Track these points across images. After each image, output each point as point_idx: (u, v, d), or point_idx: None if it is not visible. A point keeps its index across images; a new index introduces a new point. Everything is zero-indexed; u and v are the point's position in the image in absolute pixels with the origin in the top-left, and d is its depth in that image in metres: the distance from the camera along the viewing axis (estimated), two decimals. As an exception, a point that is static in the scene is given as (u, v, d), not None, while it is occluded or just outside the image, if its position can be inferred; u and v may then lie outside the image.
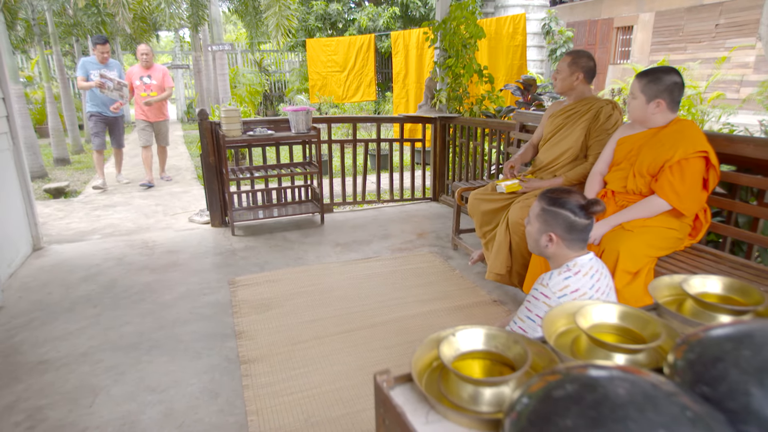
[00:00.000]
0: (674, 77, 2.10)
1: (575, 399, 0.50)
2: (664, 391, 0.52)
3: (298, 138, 4.08)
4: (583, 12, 18.05)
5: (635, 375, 0.53)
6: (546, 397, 0.53)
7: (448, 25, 4.38)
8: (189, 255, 3.54)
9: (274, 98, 14.56)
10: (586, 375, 0.53)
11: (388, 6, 12.77)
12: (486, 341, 0.78)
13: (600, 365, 0.59)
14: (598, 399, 0.49)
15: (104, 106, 5.71)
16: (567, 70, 2.65)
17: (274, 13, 6.35)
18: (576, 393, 0.51)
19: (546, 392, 0.54)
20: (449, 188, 4.93)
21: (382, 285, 3.04)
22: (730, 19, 13.70)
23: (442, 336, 0.79)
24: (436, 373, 0.78)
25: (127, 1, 5.93)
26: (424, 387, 0.73)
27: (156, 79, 5.73)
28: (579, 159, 2.73)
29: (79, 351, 2.36)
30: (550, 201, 1.56)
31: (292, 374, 2.14)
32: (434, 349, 0.80)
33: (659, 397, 0.50)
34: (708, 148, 2.06)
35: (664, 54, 14.52)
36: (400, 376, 0.75)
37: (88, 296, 2.93)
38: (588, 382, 0.52)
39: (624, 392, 0.50)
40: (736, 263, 2.11)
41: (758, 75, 12.86)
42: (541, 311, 1.49)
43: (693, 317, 0.93)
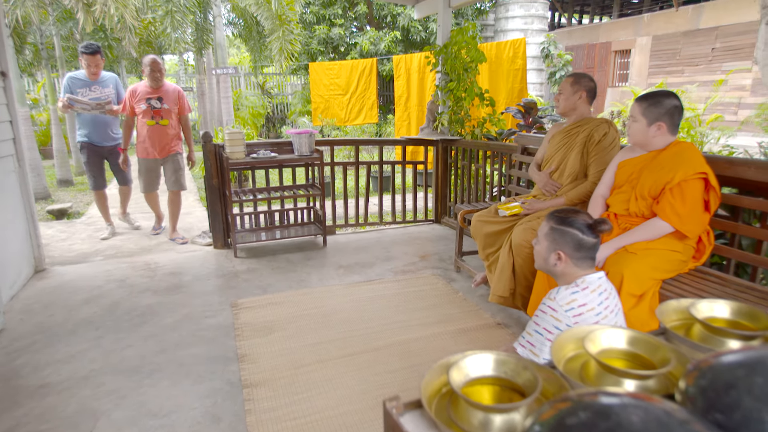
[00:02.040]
0: (674, 101, 2.13)
1: (588, 427, 0.50)
2: (677, 418, 0.52)
3: (301, 160, 4.11)
4: (582, 36, 18.36)
5: (648, 402, 0.53)
6: (558, 425, 0.53)
7: (449, 49, 4.46)
8: (191, 277, 3.54)
9: (277, 120, 14.72)
10: (599, 402, 0.53)
11: (390, 30, 13.01)
12: (495, 367, 0.78)
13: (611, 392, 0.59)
14: (612, 427, 0.49)
15: (98, 131, 4.36)
16: (570, 89, 2.69)
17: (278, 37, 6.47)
18: (589, 420, 0.51)
19: (558, 420, 0.53)
20: (451, 210, 4.94)
21: (385, 308, 3.03)
22: (726, 43, 13.92)
23: (452, 361, 0.79)
24: (445, 399, 0.77)
25: (133, 26, 6.04)
26: (433, 413, 0.72)
27: (169, 102, 4.19)
28: (579, 179, 2.75)
29: (80, 374, 2.34)
30: (558, 220, 1.58)
31: (295, 399, 2.11)
32: (443, 375, 0.79)
33: (673, 425, 0.50)
34: (707, 169, 2.08)
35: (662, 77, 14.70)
36: (409, 403, 0.75)
37: (90, 319, 2.91)
38: (601, 409, 0.52)
39: (638, 420, 0.50)
40: (742, 286, 2.10)
41: (755, 98, 13.01)
42: (549, 325, 1.49)
43: (701, 342, 0.93)
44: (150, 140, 4.24)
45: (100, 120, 4.34)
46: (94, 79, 4.33)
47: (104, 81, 4.39)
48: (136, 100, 4.16)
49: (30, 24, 7.21)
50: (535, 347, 1.51)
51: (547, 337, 1.50)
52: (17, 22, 6.27)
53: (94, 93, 4.31)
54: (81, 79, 4.31)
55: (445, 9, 4.62)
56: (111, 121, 4.44)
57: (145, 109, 4.16)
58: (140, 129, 4.23)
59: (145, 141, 4.24)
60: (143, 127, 4.21)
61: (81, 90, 4.28)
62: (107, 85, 4.40)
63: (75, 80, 4.31)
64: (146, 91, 4.16)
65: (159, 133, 4.25)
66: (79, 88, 4.29)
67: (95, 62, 4.27)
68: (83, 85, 4.31)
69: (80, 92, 4.27)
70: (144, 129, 4.22)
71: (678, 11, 14.89)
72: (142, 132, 4.23)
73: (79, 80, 4.31)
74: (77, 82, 4.30)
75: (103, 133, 4.40)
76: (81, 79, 4.31)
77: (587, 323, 1.48)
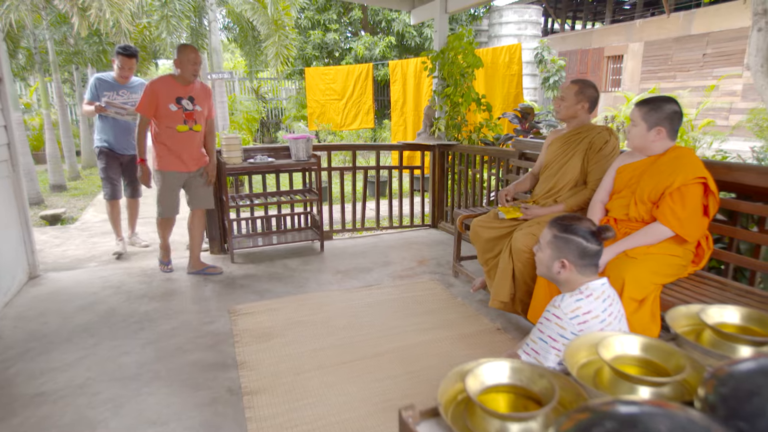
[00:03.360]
0: (674, 106, 2.15)
1: (616, 437, 0.50)
2: (702, 426, 0.51)
3: (299, 165, 4.10)
4: (575, 42, 18.50)
5: (673, 411, 0.53)
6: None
7: (446, 54, 4.47)
8: (188, 283, 3.51)
9: (271, 125, 14.70)
10: (624, 412, 0.52)
11: (384, 36, 13.05)
12: (511, 374, 0.77)
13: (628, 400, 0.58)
14: (641, 437, 0.49)
15: (118, 138, 4.01)
16: (574, 98, 2.69)
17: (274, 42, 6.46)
18: (615, 430, 0.50)
19: (583, 430, 0.53)
20: (448, 215, 4.94)
21: (384, 313, 3.02)
22: (717, 48, 14.07)
23: (466, 369, 0.78)
24: (461, 406, 0.77)
25: (128, 31, 6.01)
26: (450, 421, 0.71)
27: (201, 103, 3.41)
28: (579, 185, 2.76)
29: (76, 383, 2.31)
30: (561, 228, 1.57)
31: (295, 405, 2.09)
32: (459, 382, 0.79)
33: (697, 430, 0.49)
34: (706, 174, 2.09)
35: (654, 82, 14.83)
36: (425, 411, 0.74)
37: (86, 326, 2.88)
38: (627, 419, 0.51)
39: (665, 429, 0.49)
40: (741, 290, 2.11)
41: (746, 103, 13.16)
42: (554, 332, 1.49)
43: (712, 348, 0.93)
44: (183, 150, 3.40)
45: (123, 126, 4.00)
46: (123, 83, 3.99)
47: (133, 86, 4.04)
48: (162, 99, 3.27)
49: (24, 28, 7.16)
50: (539, 355, 1.51)
51: (551, 344, 1.49)
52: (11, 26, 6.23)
53: (122, 98, 3.99)
54: (108, 82, 3.97)
55: (442, 15, 4.64)
56: (132, 127, 3.96)
57: (175, 111, 3.31)
58: (167, 137, 3.35)
59: (176, 151, 3.38)
60: (172, 134, 3.35)
61: (108, 93, 3.94)
62: (136, 90, 4.01)
63: (102, 82, 3.96)
64: (175, 89, 3.31)
65: (191, 142, 3.43)
66: (107, 90, 3.94)
67: (130, 65, 3.95)
68: (110, 88, 3.96)
69: (107, 95, 3.93)
70: (173, 137, 3.35)
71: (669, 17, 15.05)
72: (169, 140, 3.36)
73: (106, 82, 3.96)
74: (104, 84, 3.95)
75: (124, 141, 4.04)
76: (108, 82, 3.97)
77: (592, 330, 1.48)
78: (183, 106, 3.34)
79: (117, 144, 4.04)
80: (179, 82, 3.33)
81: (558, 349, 1.49)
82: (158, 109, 3.29)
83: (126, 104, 3.94)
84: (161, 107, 3.29)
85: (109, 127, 3.98)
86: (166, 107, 3.29)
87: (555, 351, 1.49)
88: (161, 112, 3.30)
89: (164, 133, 3.35)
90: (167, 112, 3.31)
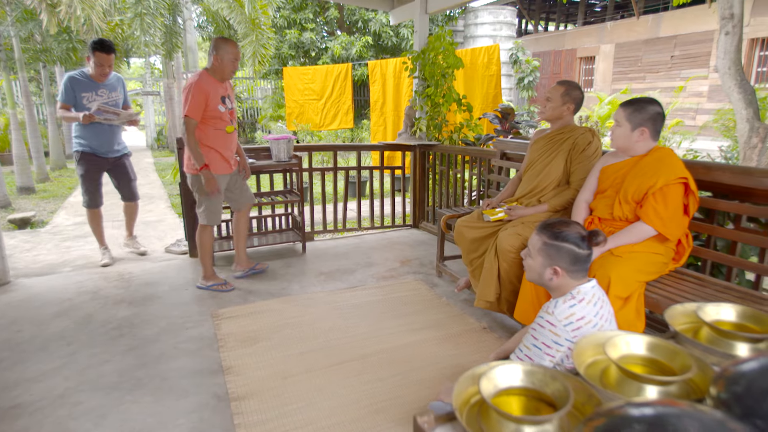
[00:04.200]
0: (657, 107, 2.20)
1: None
2: (729, 428, 0.52)
3: (280, 166, 4.05)
4: (548, 43, 18.82)
5: (698, 411, 0.53)
6: (614, 438, 0.52)
7: (427, 55, 4.48)
8: (168, 287, 3.43)
9: (247, 125, 14.52)
10: (652, 414, 0.53)
11: (361, 35, 13.02)
12: (523, 377, 0.77)
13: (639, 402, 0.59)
14: (672, 439, 0.49)
15: (102, 140, 3.71)
16: (560, 99, 2.72)
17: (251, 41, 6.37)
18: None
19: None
20: (429, 215, 4.96)
21: (369, 315, 3.00)
22: (684, 51, 14.51)
23: (479, 372, 0.78)
24: (474, 409, 0.77)
25: (100, 28, 5.84)
26: (465, 424, 0.71)
27: (233, 101, 3.29)
28: (562, 185, 2.80)
29: (54, 393, 2.23)
30: (552, 236, 1.58)
31: (285, 410, 2.07)
32: (471, 386, 0.78)
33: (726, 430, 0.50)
34: (687, 174, 2.15)
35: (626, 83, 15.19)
36: (439, 416, 0.73)
37: (62, 333, 2.78)
38: (656, 420, 0.52)
39: (694, 430, 0.50)
40: (720, 286, 2.17)
41: (712, 103, 13.61)
42: (548, 339, 1.50)
43: (710, 344, 0.95)
44: (229, 152, 3.26)
45: (106, 127, 3.70)
46: (100, 81, 3.63)
47: (111, 83, 3.71)
48: (212, 99, 3.04)
49: (-13, 24, 6.90)
50: (533, 361, 1.51)
51: (546, 351, 1.50)
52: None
53: (101, 98, 3.66)
54: (84, 81, 3.60)
55: (422, 15, 4.65)
56: (117, 127, 3.80)
57: (224, 112, 3.13)
58: (216, 139, 3.14)
59: (225, 154, 3.22)
60: (223, 136, 3.16)
61: (87, 94, 3.60)
62: (114, 87, 3.72)
63: (77, 82, 3.58)
64: (218, 88, 3.08)
65: (234, 142, 3.33)
66: (84, 91, 3.59)
67: (109, 62, 3.58)
68: (88, 88, 3.60)
69: (85, 96, 3.60)
70: (224, 138, 3.17)
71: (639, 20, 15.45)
72: (218, 143, 3.15)
73: (82, 82, 3.59)
74: (80, 84, 3.58)
75: (108, 142, 3.74)
76: (84, 81, 3.60)
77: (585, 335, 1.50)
78: (226, 105, 3.16)
79: (101, 146, 3.74)
80: (218, 80, 3.09)
81: (552, 356, 1.50)
82: (207, 110, 3.05)
83: (107, 104, 3.67)
84: (211, 108, 3.05)
85: (92, 128, 3.68)
86: (215, 108, 3.08)
87: (549, 357, 1.50)
88: (210, 114, 3.07)
89: (213, 135, 3.12)
90: (217, 114, 3.09)
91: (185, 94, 3.02)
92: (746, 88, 4.98)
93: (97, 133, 3.70)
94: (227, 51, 3.03)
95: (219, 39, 3.10)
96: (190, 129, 3.03)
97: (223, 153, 3.20)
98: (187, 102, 2.99)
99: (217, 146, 3.16)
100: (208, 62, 3.11)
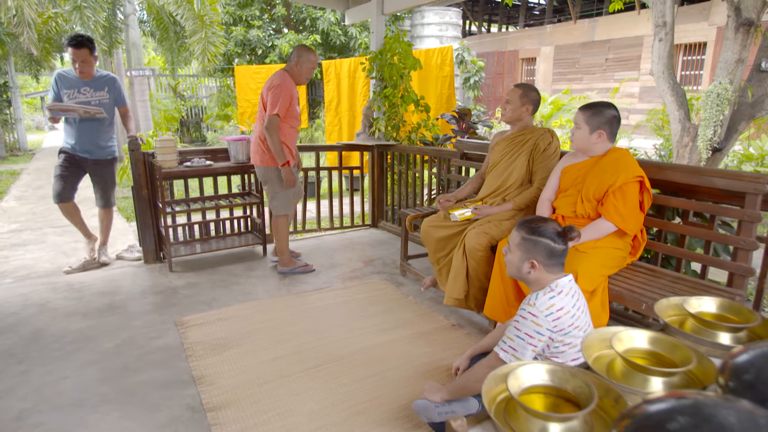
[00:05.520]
0: (613, 111, 2.33)
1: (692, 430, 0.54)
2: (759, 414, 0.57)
3: (238, 168, 3.96)
4: (491, 44, 19.37)
5: (730, 402, 0.58)
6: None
7: (384, 56, 4.51)
8: (125, 296, 3.27)
9: (191, 124, 14.02)
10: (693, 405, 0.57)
11: (309, 34, 12.88)
12: (546, 376, 0.81)
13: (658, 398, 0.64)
14: (715, 429, 0.53)
15: (81, 140, 3.60)
16: (518, 101, 2.83)
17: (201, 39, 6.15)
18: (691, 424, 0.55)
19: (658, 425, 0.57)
20: (388, 214, 5.00)
21: (339, 316, 3.00)
22: (617, 54, 15.37)
23: (502, 373, 0.81)
24: (501, 407, 0.79)
25: (32, 21, 5.44)
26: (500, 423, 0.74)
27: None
28: (525, 184, 2.90)
29: (10, 415, 2.08)
30: (529, 230, 1.65)
31: (264, 418, 2.03)
32: (498, 385, 0.81)
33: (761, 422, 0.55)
34: (643, 173, 2.29)
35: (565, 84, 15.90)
36: (470, 418, 0.76)
37: (10, 350, 2.60)
38: (696, 412, 0.56)
39: (735, 420, 0.54)
40: (674, 277, 2.34)
41: (643, 104, 14.51)
42: (530, 329, 1.56)
43: (697, 335, 1.03)
44: (294, 148, 3.56)
45: (88, 126, 3.58)
46: (85, 79, 3.53)
47: (98, 82, 3.59)
48: (294, 100, 3.38)
49: None
50: (517, 351, 1.58)
51: (528, 341, 1.56)
52: None
53: (84, 96, 3.55)
54: (69, 78, 3.52)
55: (379, 16, 4.67)
56: (101, 127, 3.63)
57: (299, 111, 3.51)
58: (289, 135, 3.45)
59: (294, 147, 3.55)
60: (293, 133, 3.50)
61: (68, 91, 3.50)
62: (102, 87, 3.60)
63: (63, 79, 3.52)
64: (294, 90, 3.40)
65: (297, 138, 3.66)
66: (67, 88, 3.50)
67: (83, 57, 3.43)
68: (72, 85, 3.51)
69: (67, 93, 3.49)
70: (293, 135, 3.51)
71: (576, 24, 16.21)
72: (289, 139, 3.45)
73: (67, 79, 3.52)
74: (65, 81, 3.52)
75: (88, 143, 3.61)
76: (69, 78, 3.52)
77: (564, 325, 1.58)
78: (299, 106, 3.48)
79: (76, 146, 3.62)
80: (298, 82, 3.44)
81: (534, 345, 1.57)
82: (288, 110, 3.35)
83: (89, 103, 3.54)
84: (292, 108, 3.38)
85: (70, 127, 3.59)
86: (294, 108, 3.41)
87: (531, 347, 1.57)
88: (292, 113, 3.39)
89: (288, 132, 3.44)
90: (294, 113, 3.43)
91: (274, 94, 3.28)
92: (678, 91, 5.35)
93: (73, 132, 3.60)
94: (307, 59, 3.37)
95: (302, 47, 3.41)
96: (275, 126, 3.30)
97: (292, 148, 3.51)
98: (277, 102, 3.27)
99: (289, 142, 3.45)
100: (287, 65, 3.42)
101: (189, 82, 14.47)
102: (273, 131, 3.30)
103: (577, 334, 1.60)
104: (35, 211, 6.04)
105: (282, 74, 3.35)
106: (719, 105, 4.96)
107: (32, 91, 25.13)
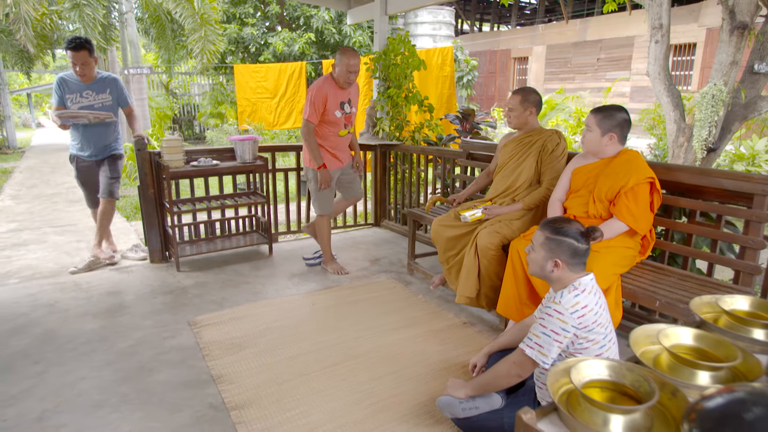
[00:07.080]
0: (624, 114, 2.39)
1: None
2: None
3: (244, 168, 3.97)
4: (484, 43, 19.47)
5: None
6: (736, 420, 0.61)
7: (388, 56, 4.54)
8: (134, 296, 3.27)
9: (184, 122, 13.92)
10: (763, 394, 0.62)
11: (303, 32, 12.85)
12: (604, 371, 0.85)
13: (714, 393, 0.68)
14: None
15: (91, 144, 3.65)
16: (521, 107, 2.89)
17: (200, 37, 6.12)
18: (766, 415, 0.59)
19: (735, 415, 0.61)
20: (391, 213, 5.03)
21: (351, 315, 3.03)
22: (609, 54, 15.54)
23: (562, 368, 0.85)
24: (563, 399, 0.83)
25: (29, 17, 5.38)
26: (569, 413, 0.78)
27: (355, 105, 3.57)
28: (534, 185, 2.96)
29: (31, 416, 2.08)
30: (553, 230, 1.70)
31: (288, 416, 2.06)
32: (558, 380, 0.85)
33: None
34: (653, 174, 2.36)
35: (557, 83, 16.04)
36: (540, 411, 0.80)
37: (25, 351, 2.59)
38: None
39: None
40: (682, 275, 2.40)
41: (634, 103, 14.68)
42: (556, 327, 1.61)
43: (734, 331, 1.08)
44: (340, 150, 3.55)
45: (93, 131, 3.61)
46: (86, 82, 3.52)
47: (99, 84, 3.59)
48: (330, 105, 3.33)
49: None
50: (543, 348, 1.62)
51: (554, 338, 1.61)
52: None
53: (87, 99, 3.56)
54: (72, 82, 3.51)
55: (382, 16, 4.70)
56: (107, 130, 3.68)
57: (340, 117, 3.42)
58: (327, 139, 3.44)
59: (335, 152, 3.52)
60: (334, 138, 3.47)
61: (71, 95, 3.51)
62: (103, 89, 3.60)
63: (65, 83, 3.51)
64: (338, 94, 3.36)
65: (347, 142, 3.62)
66: (70, 93, 3.51)
67: (82, 59, 3.41)
68: (74, 90, 3.51)
69: (70, 98, 3.51)
70: (334, 140, 3.48)
71: (568, 24, 16.35)
72: (329, 143, 3.45)
73: (70, 83, 3.51)
74: (67, 85, 3.51)
75: (89, 146, 3.65)
76: (72, 82, 3.51)
77: (588, 322, 1.63)
78: (344, 110, 3.44)
79: (82, 150, 3.68)
80: (339, 86, 3.37)
81: (560, 342, 1.61)
82: (324, 114, 3.34)
83: (92, 107, 3.57)
84: (328, 113, 3.35)
85: (76, 131, 3.64)
86: (332, 114, 3.37)
87: (557, 344, 1.61)
88: (327, 118, 3.37)
89: (326, 136, 3.44)
90: (333, 119, 3.39)
91: (306, 99, 3.33)
92: (673, 92, 5.44)
93: (79, 136, 3.66)
94: (342, 62, 3.29)
95: (342, 49, 3.36)
96: (308, 131, 3.37)
97: (332, 152, 3.50)
98: (306, 107, 3.33)
99: (327, 145, 3.46)
100: (333, 69, 3.38)
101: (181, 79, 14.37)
102: (304, 135, 3.39)
103: (599, 331, 1.65)
104: (32, 211, 5.98)
105: (322, 78, 3.38)
106: (714, 106, 5.05)
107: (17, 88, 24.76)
